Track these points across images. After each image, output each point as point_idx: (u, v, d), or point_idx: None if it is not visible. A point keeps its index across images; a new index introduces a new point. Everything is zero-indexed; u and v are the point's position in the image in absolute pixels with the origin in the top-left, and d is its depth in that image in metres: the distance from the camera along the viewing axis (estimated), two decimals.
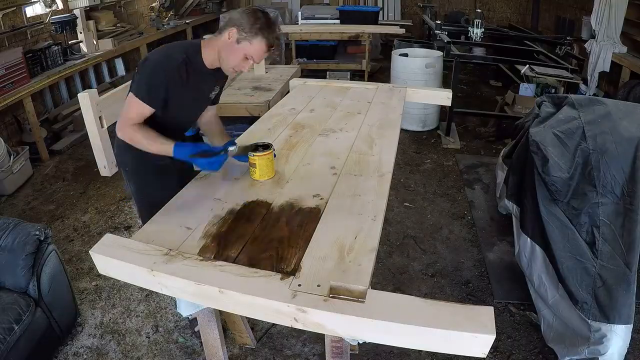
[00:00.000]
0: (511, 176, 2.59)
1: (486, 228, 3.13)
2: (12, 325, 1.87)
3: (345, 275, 1.24)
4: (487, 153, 4.25)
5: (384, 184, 1.72)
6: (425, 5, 7.68)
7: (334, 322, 1.14)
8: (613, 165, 1.99)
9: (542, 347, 2.18)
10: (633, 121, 2.12)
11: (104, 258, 1.34)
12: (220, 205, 1.60)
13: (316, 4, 8.21)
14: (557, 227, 2.09)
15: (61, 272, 2.24)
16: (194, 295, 1.26)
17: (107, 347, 2.26)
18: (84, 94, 2.73)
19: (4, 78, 3.80)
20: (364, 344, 2.01)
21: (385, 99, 2.77)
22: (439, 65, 4.61)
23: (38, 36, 4.67)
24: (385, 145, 2.07)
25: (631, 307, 1.87)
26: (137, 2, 6.46)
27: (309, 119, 2.44)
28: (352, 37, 5.93)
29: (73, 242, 3.08)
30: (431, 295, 2.55)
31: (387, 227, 3.12)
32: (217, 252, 1.36)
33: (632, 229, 1.91)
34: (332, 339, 1.45)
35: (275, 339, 2.27)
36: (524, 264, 2.35)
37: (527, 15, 7.81)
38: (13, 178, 3.72)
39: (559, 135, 2.16)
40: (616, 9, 4.17)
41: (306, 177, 1.82)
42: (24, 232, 2.07)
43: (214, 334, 1.73)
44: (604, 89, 4.97)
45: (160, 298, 2.54)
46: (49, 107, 4.84)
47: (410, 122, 4.66)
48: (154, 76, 1.67)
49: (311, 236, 1.42)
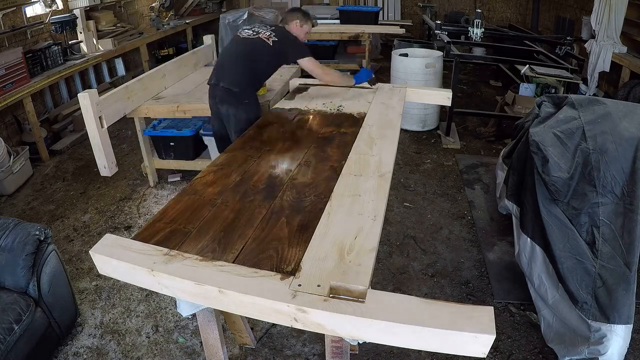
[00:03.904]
0: (511, 176, 2.59)
1: (486, 228, 3.13)
2: (12, 325, 1.87)
3: (345, 275, 1.24)
4: (487, 153, 4.26)
5: (384, 184, 1.73)
6: (425, 5, 7.68)
7: (334, 322, 1.14)
8: (613, 165, 1.99)
9: (542, 347, 2.19)
10: (633, 121, 2.12)
11: (104, 258, 1.34)
12: (220, 205, 1.61)
13: (316, 4, 8.21)
14: (557, 227, 2.09)
15: (61, 272, 2.24)
16: (194, 295, 1.26)
17: (107, 347, 2.26)
18: (84, 94, 2.74)
19: (4, 78, 3.80)
20: (364, 344, 2.01)
21: (385, 99, 2.77)
22: (439, 65, 4.61)
23: (38, 36, 4.68)
24: (385, 145, 2.07)
25: (631, 307, 1.87)
26: (137, 2, 6.46)
27: (309, 118, 2.44)
28: (352, 37, 5.93)
29: (73, 242, 3.08)
30: (431, 295, 2.55)
31: (387, 227, 3.12)
32: (217, 252, 1.36)
33: (632, 229, 1.91)
34: (332, 339, 1.45)
35: (275, 339, 2.27)
36: (524, 264, 2.35)
37: (527, 15, 7.81)
38: (13, 178, 3.72)
39: (559, 135, 2.16)
40: (616, 9, 4.17)
41: (306, 177, 1.82)
42: (24, 232, 2.07)
43: (214, 334, 1.73)
44: (604, 89, 4.97)
45: (160, 298, 2.54)
46: (49, 107, 4.84)
47: (410, 122, 4.66)
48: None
49: (311, 236, 1.42)
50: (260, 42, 2.74)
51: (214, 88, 2.82)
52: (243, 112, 2.76)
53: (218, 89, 2.78)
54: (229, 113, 2.79)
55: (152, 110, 3.33)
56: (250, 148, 2.12)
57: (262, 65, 2.80)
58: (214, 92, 2.83)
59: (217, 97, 2.81)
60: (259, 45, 2.74)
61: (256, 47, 2.74)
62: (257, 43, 2.74)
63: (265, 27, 2.82)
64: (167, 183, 3.81)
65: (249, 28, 2.84)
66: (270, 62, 2.83)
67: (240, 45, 2.80)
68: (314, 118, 2.52)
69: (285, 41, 2.78)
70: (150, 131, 3.61)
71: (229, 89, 2.73)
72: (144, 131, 3.56)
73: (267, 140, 2.22)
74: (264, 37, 2.74)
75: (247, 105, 2.77)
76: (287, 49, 2.77)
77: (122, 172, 3.96)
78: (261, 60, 2.76)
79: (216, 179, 1.82)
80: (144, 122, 3.58)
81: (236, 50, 2.81)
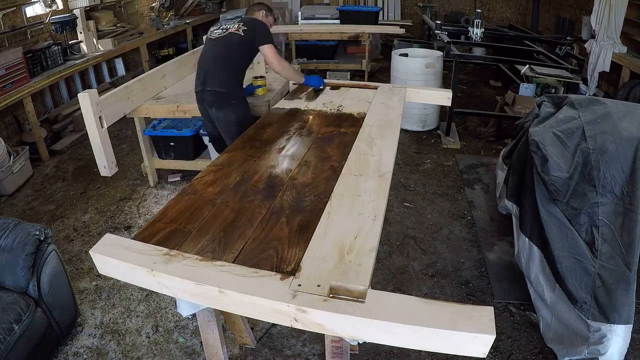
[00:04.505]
0: (511, 176, 2.59)
1: (486, 228, 3.13)
2: (12, 325, 1.87)
3: (345, 275, 1.24)
4: (487, 153, 4.25)
5: (384, 184, 1.73)
6: (425, 5, 7.68)
7: (334, 322, 1.14)
8: (613, 165, 1.99)
9: (542, 347, 2.19)
10: (633, 121, 2.12)
11: (104, 258, 1.34)
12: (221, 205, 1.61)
13: (316, 4, 8.21)
14: (556, 226, 2.09)
15: (61, 272, 2.24)
16: (194, 295, 1.26)
17: (107, 347, 2.26)
18: (84, 94, 2.74)
19: (4, 78, 3.80)
20: (364, 344, 2.01)
21: (385, 99, 2.77)
22: (439, 65, 4.61)
23: (38, 36, 4.68)
24: (385, 145, 2.07)
25: (631, 307, 1.87)
26: (137, 2, 6.46)
27: (309, 118, 2.44)
28: (352, 37, 5.93)
29: (73, 242, 3.08)
30: (431, 295, 2.55)
31: (387, 227, 3.12)
32: (217, 252, 1.36)
33: (631, 228, 1.91)
34: (332, 339, 1.45)
35: (275, 339, 2.27)
36: (523, 264, 2.35)
37: (527, 15, 7.81)
38: (13, 178, 3.72)
39: (559, 135, 2.16)
40: (616, 9, 4.17)
41: (306, 177, 1.82)
42: (24, 232, 2.07)
43: (214, 334, 1.73)
44: (604, 89, 4.97)
45: (160, 298, 2.54)
46: (49, 107, 4.84)
47: (410, 122, 4.66)
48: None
49: (311, 236, 1.42)
50: (232, 36, 2.80)
51: (202, 93, 2.87)
52: (232, 113, 2.82)
53: (205, 93, 2.84)
54: (219, 116, 2.85)
55: (152, 110, 3.34)
56: (250, 148, 2.12)
57: (239, 58, 2.86)
58: (202, 97, 2.88)
59: (205, 102, 2.87)
60: (232, 40, 2.80)
61: (230, 43, 2.80)
62: (230, 39, 2.80)
63: (232, 22, 2.89)
64: (167, 183, 3.81)
65: (217, 27, 2.92)
66: (245, 52, 2.88)
67: (216, 47, 2.85)
68: (314, 118, 2.52)
69: (255, 27, 2.86)
70: (150, 131, 3.61)
71: (216, 91, 2.79)
72: (144, 131, 3.57)
73: (267, 140, 2.22)
74: (234, 30, 2.80)
75: (234, 106, 2.83)
76: (255, 34, 2.83)
77: (122, 172, 3.96)
78: (237, 54, 2.82)
79: (216, 179, 1.82)
80: (144, 122, 3.58)
81: (213, 53, 2.85)
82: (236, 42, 2.79)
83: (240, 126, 2.72)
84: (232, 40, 2.80)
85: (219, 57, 2.82)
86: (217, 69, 2.80)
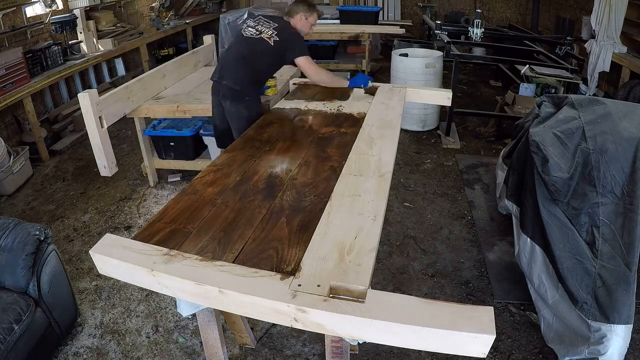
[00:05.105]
0: (511, 176, 2.59)
1: (486, 228, 3.13)
2: (12, 325, 1.87)
3: (345, 275, 1.24)
4: (487, 153, 4.25)
5: (384, 184, 1.73)
6: (425, 5, 7.68)
7: (333, 322, 1.14)
8: (613, 166, 1.99)
9: (542, 347, 2.18)
10: (633, 121, 2.11)
11: (104, 258, 1.34)
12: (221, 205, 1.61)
13: (316, 4, 8.21)
14: (557, 227, 2.09)
15: (61, 272, 2.24)
16: (194, 295, 1.26)
17: (107, 347, 2.26)
18: (84, 94, 2.74)
19: (4, 78, 3.79)
20: (364, 344, 2.01)
21: (385, 99, 2.77)
22: (439, 65, 4.61)
23: (38, 36, 4.68)
24: (385, 145, 2.07)
25: (631, 307, 1.87)
26: (137, 2, 6.46)
27: (309, 118, 2.44)
28: (352, 37, 5.92)
29: (73, 242, 3.08)
30: (431, 295, 2.55)
31: (387, 227, 3.12)
32: (217, 252, 1.36)
33: (632, 229, 1.91)
34: (332, 339, 1.45)
35: (275, 339, 2.27)
36: (524, 264, 2.35)
37: (527, 15, 7.81)
38: (13, 178, 3.72)
39: (559, 135, 2.16)
40: (616, 9, 4.17)
41: (306, 177, 1.82)
42: (24, 232, 2.07)
43: (214, 334, 1.73)
44: (604, 89, 4.97)
45: (160, 298, 2.54)
46: (49, 107, 4.84)
47: (410, 122, 4.66)
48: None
49: (311, 236, 1.42)
50: (263, 42, 2.77)
51: (218, 85, 2.86)
52: (245, 109, 2.80)
53: (221, 86, 2.82)
54: (233, 109, 2.83)
55: (152, 110, 3.34)
56: (251, 148, 2.12)
57: (263, 65, 2.84)
58: (217, 88, 2.87)
59: (220, 93, 2.85)
60: (261, 46, 2.77)
61: (258, 48, 2.77)
62: (259, 44, 2.77)
63: (268, 24, 2.84)
64: (167, 183, 3.81)
65: (253, 26, 2.86)
66: (272, 62, 2.88)
67: (243, 46, 2.83)
68: (314, 118, 2.52)
69: (286, 39, 2.81)
70: (150, 131, 3.61)
71: (231, 87, 2.78)
72: (144, 131, 3.57)
73: (267, 140, 2.22)
74: (265, 37, 2.77)
75: (249, 102, 2.81)
76: (287, 48, 2.80)
77: (122, 172, 3.96)
78: (262, 60, 2.80)
79: (216, 179, 1.82)
80: (144, 122, 3.58)
81: (239, 50, 2.83)
82: (264, 50, 2.77)
83: (252, 122, 2.69)
84: (260, 46, 2.77)
85: (240, 57, 2.80)
86: (236, 68, 2.79)
